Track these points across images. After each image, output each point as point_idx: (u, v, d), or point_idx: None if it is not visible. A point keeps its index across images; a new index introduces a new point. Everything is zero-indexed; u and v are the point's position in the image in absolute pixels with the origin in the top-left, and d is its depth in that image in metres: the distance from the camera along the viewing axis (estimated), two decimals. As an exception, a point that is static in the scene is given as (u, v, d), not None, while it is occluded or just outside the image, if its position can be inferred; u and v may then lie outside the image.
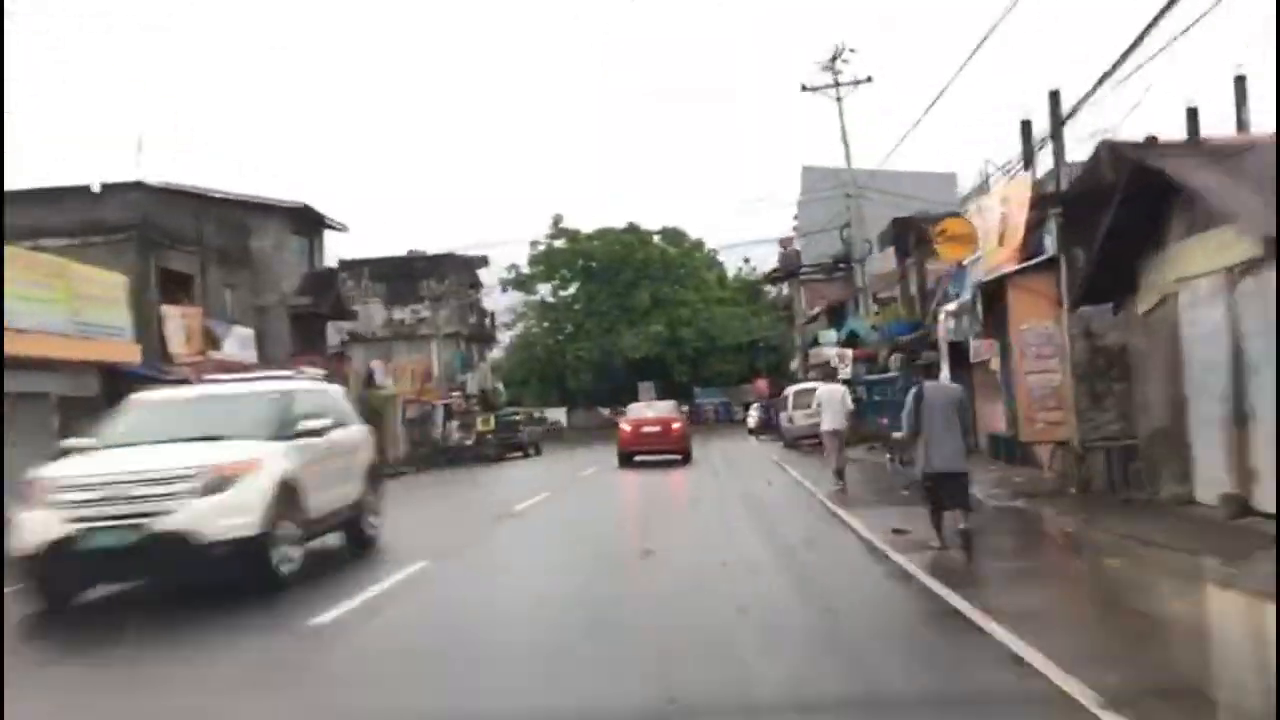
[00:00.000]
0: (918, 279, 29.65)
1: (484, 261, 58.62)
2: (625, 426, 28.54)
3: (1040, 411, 15.22)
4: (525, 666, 6.75)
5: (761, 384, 75.43)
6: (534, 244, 78.18)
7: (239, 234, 30.72)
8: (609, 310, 75.64)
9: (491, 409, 54.18)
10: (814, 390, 28.74)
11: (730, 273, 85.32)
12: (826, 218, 41.92)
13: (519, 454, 42.84)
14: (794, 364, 59.40)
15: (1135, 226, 11.97)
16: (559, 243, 78.07)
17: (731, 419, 77.19)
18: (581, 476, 26.94)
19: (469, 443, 39.26)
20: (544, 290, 79.01)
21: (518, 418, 43.94)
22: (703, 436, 43.68)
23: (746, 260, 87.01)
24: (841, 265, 36.98)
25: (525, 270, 78.26)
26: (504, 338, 79.62)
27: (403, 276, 48.58)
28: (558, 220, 78.23)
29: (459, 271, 51.55)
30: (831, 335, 37.99)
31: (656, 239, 77.66)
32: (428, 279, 48.65)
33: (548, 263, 77.64)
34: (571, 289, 78.49)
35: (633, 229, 76.67)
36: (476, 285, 53.52)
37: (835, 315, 40.83)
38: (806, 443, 30.64)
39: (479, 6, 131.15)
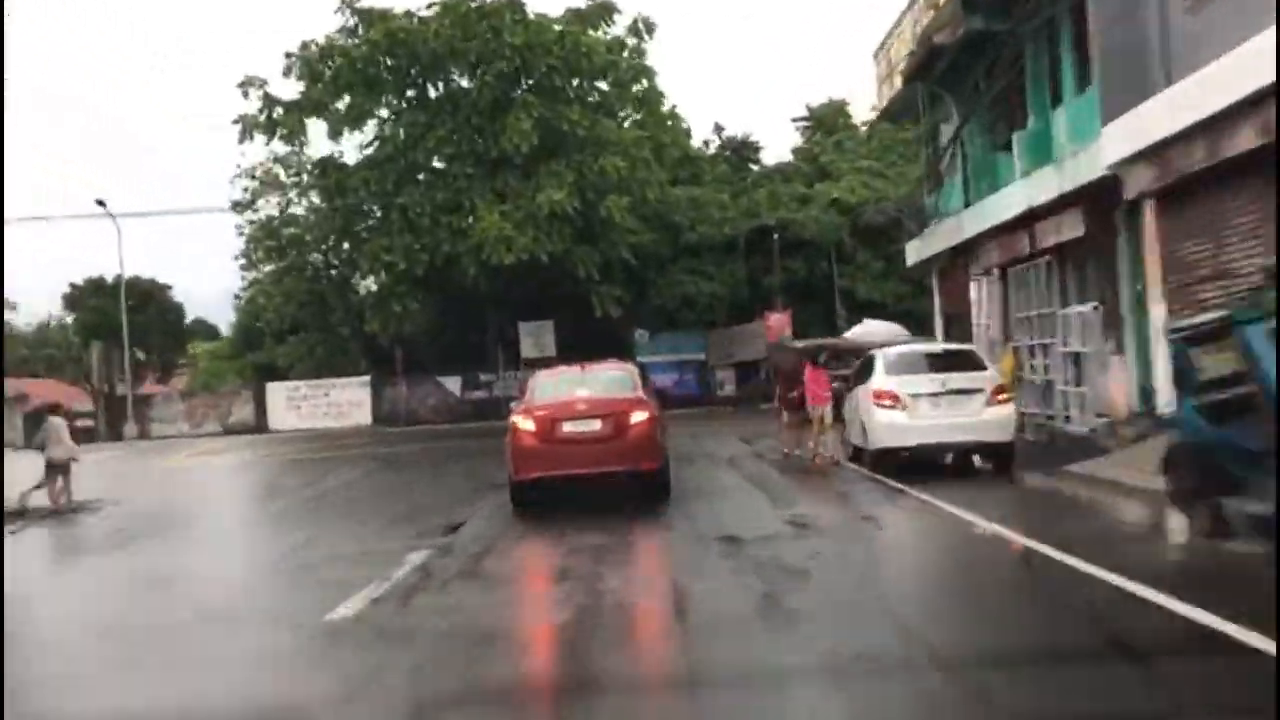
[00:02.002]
0: None
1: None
2: (524, 424, 12.04)
3: None
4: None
5: (778, 319, 35.84)
6: (305, 45, 37.19)
7: None
8: (452, 167, 35.21)
9: None
10: None
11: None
12: None
13: None
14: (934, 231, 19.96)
15: None
16: (352, 41, 36.99)
17: (709, 392, 37.35)
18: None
19: None
20: (317, 133, 37.81)
21: None
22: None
23: (720, 130, 46.78)
24: None
25: (286, 94, 37.26)
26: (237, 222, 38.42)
27: None
28: (350, -9, 37.13)
29: None
30: None
31: (557, 28, 36.69)
32: None
33: (323, 73, 36.44)
34: (370, 127, 37.49)
35: (509, 2, 35.77)
36: None
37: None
38: None
39: None
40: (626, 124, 36.32)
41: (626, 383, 12.52)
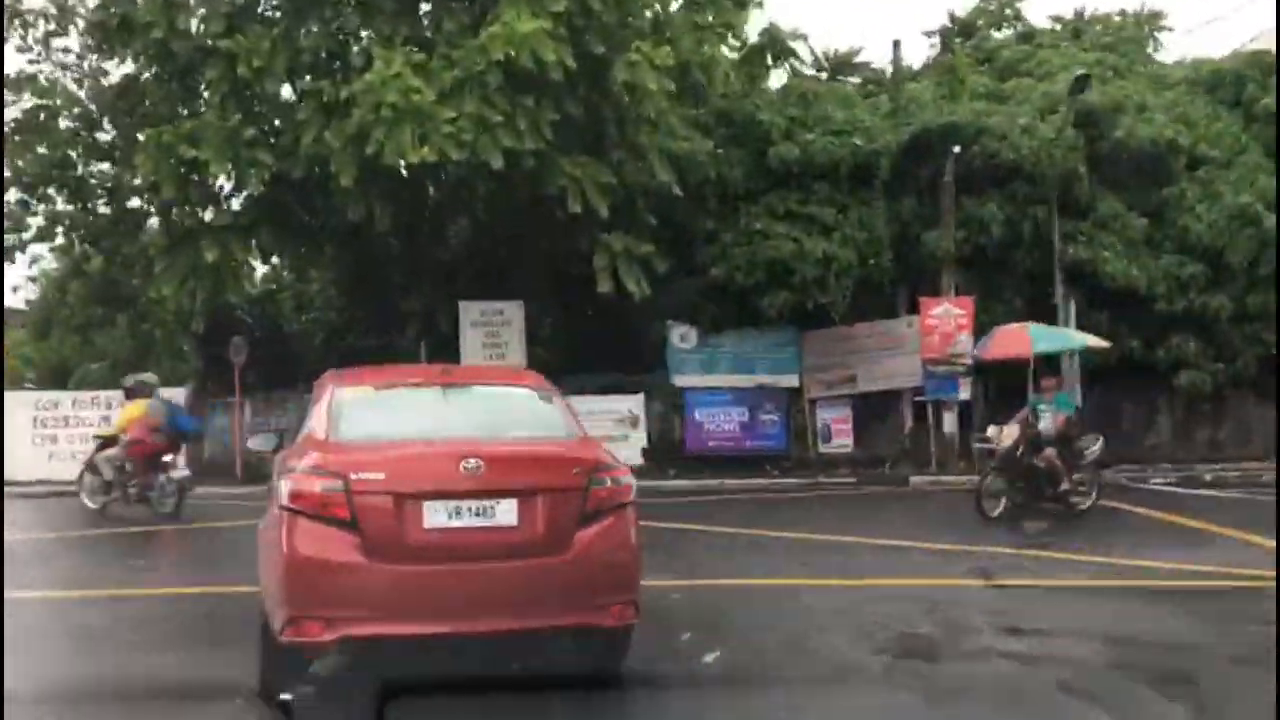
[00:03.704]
0: None
1: None
2: (322, 498, 5.14)
3: None
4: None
5: (947, 312, 18.34)
6: None
7: None
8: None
9: None
10: None
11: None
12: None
13: None
14: None
15: None
16: None
17: (804, 445, 19.84)
18: None
19: None
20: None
21: None
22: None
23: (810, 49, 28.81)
24: None
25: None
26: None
27: None
28: None
29: None
30: None
31: None
32: None
33: None
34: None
35: None
36: None
37: None
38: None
39: None
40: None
41: (548, 414, 6.15)
